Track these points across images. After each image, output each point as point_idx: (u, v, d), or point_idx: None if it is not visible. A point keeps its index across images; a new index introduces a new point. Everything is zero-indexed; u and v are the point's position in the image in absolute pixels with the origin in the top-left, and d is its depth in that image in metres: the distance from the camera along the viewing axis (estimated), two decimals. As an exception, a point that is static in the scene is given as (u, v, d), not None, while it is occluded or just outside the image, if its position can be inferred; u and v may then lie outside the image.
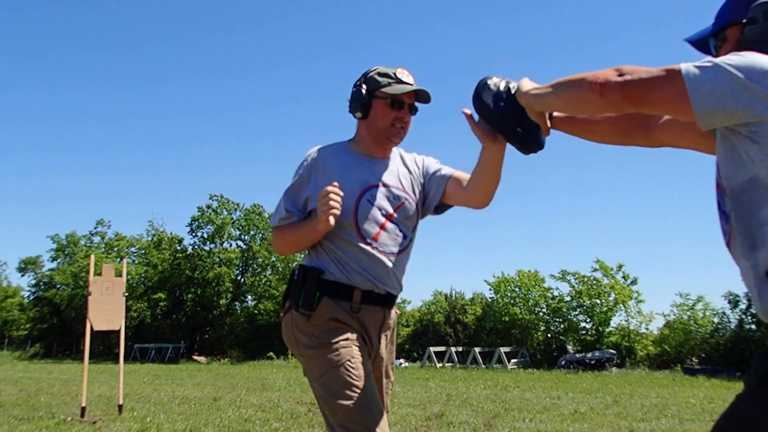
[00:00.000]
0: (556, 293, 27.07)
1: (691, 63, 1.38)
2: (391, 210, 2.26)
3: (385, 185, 2.28)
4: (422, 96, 2.31)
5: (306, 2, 71.44)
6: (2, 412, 7.59)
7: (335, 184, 2.11)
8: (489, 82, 1.98)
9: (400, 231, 2.28)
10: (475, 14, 70.73)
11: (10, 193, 68.67)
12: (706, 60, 1.39)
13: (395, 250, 2.25)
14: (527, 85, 1.85)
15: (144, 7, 68.93)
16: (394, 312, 2.34)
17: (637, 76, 1.42)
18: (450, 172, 2.37)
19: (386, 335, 2.33)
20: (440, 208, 2.41)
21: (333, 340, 2.10)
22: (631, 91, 1.43)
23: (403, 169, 2.38)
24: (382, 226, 2.23)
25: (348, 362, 2.08)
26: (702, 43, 1.72)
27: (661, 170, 53.76)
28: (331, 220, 2.08)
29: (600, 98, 1.47)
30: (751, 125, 1.35)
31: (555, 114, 1.96)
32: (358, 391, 2.04)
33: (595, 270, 25.91)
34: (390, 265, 2.22)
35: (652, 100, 1.42)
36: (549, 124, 1.93)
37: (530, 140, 1.96)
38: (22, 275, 54.05)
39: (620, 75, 1.44)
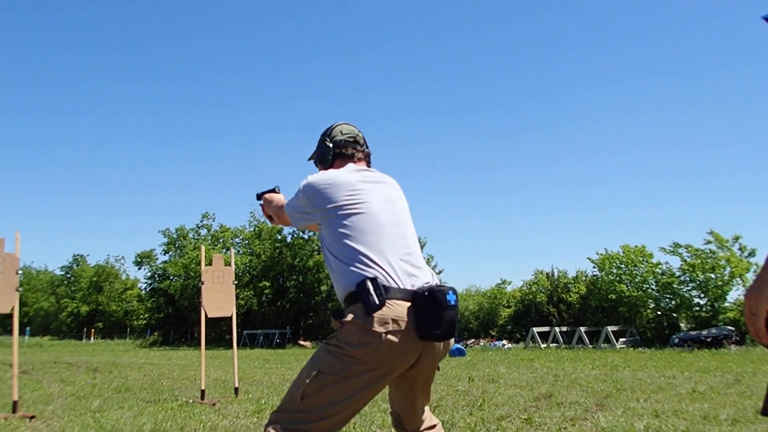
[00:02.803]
0: (664, 267, 25.80)
1: None
2: None
3: None
4: None
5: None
6: (131, 395, 8.13)
7: None
8: None
9: None
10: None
11: (123, 189, 73.50)
12: None
13: None
14: None
15: None
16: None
17: None
18: None
19: None
20: None
21: None
22: None
23: None
24: None
25: None
26: None
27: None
28: None
29: None
30: None
31: None
32: None
33: (709, 242, 24.46)
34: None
35: None
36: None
37: None
38: (139, 268, 57.94)
39: None
